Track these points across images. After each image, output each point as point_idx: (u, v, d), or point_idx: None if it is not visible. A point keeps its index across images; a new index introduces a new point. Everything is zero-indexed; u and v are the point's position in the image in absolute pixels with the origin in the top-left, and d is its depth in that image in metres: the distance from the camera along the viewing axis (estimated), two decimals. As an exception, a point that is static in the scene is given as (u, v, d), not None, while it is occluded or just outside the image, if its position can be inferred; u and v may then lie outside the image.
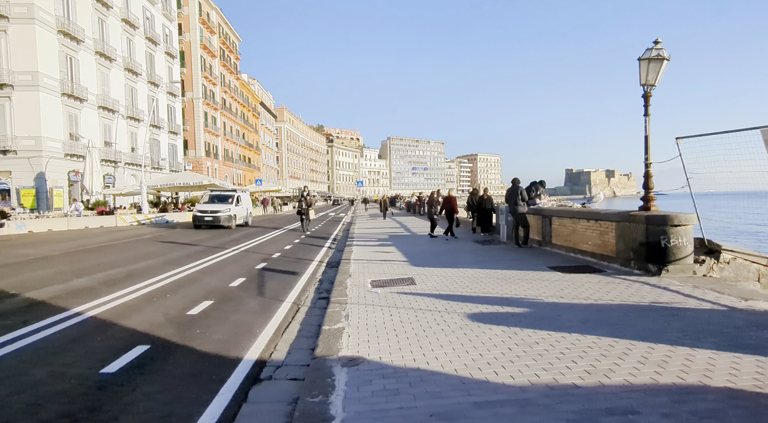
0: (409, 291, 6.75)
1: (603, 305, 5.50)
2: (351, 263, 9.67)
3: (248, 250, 13.04)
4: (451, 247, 11.85)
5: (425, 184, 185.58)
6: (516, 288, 6.62)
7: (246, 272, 9.24)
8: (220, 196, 23.51)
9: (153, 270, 9.46)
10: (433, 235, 14.96)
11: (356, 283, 7.52)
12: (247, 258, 11.42)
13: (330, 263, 10.82)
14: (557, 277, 7.32)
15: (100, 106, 35.81)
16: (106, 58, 36.69)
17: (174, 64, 50.87)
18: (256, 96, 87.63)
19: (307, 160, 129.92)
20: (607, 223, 8.05)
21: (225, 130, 66.24)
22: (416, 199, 33.98)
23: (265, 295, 7.29)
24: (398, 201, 54.08)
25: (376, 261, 9.84)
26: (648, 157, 7.23)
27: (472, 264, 8.91)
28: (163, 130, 46.55)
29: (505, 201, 11.42)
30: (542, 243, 10.95)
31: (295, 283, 8.26)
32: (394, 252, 11.32)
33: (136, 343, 4.76)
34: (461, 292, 6.50)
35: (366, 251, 11.61)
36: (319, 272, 9.56)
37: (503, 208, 13.07)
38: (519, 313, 5.25)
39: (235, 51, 74.26)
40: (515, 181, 11.28)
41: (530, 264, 8.66)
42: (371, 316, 5.47)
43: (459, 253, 10.68)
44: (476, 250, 11.14)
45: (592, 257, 8.67)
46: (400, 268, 8.76)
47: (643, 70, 7.08)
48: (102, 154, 35.89)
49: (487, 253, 10.52)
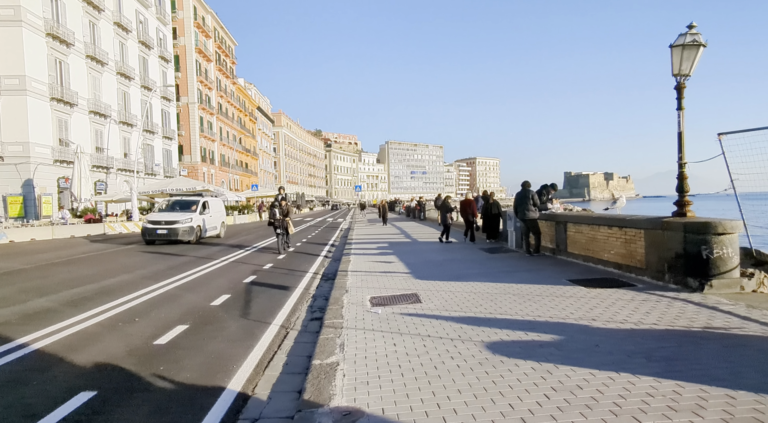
0: (414, 311, 5.88)
1: (646, 331, 4.63)
2: (348, 276, 8.79)
3: (238, 261, 12.14)
4: (457, 257, 10.98)
5: (424, 188, 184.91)
6: (537, 307, 5.75)
7: (232, 287, 8.35)
8: (182, 202, 19.20)
9: (128, 286, 8.56)
10: (448, 240, 14.27)
11: (353, 301, 6.64)
12: (236, 270, 10.53)
13: (326, 275, 9.94)
14: (582, 292, 6.45)
15: (91, 111, 34.97)
16: (98, 62, 35.89)
17: (168, 68, 50.11)
18: (253, 101, 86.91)
19: (305, 164, 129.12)
20: (634, 231, 7.19)
21: (221, 135, 65.43)
22: (416, 204, 33.10)
23: (249, 315, 6.39)
24: (397, 205, 53.18)
25: (376, 273, 8.96)
26: (682, 156, 6.38)
27: (481, 276, 8.05)
28: (157, 135, 45.71)
29: (514, 206, 10.56)
30: (556, 251, 10.09)
31: (285, 300, 7.38)
32: (395, 262, 10.45)
33: (81, 387, 3.85)
34: (475, 313, 5.62)
35: (365, 261, 10.74)
36: (313, 286, 8.67)
37: (511, 214, 12.22)
38: (548, 342, 4.38)
39: (231, 55, 73.57)
40: (526, 184, 10.43)
41: (547, 276, 7.79)
42: (371, 345, 4.59)
43: (465, 263, 9.80)
44: (484, 260, 10.28)
45: (615, 268, 7.81)
46: (403, 282, 7.88)
47: (676, 59, 6.25)
48: (93, 160, 35.04)
49: (497, 263, 9.65)
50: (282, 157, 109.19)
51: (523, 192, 10.33)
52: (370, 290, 7.34)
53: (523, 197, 10.23)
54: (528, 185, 10.40)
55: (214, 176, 61.83)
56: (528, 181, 10.43)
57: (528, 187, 10.38)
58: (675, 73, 6.32)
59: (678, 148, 6.39)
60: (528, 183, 10.45)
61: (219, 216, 20.42)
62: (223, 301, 7.26)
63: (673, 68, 6.31)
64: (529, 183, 10.45)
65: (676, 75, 6.32)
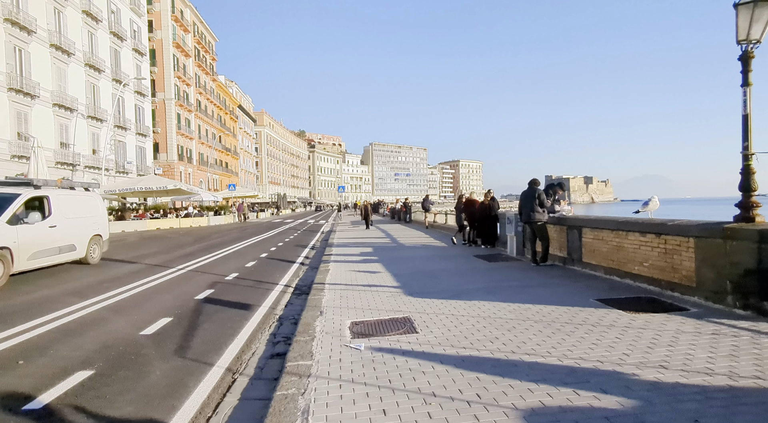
0: (409, 347, 4.37)
1: (753, 390, 3.19)
2: (325, 290, 7.23)
3: (198, 270, 10.45)
4: (451, 266, 9.51)
5: (408, 190, 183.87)
6: (573, 342, 4.29)
7: (178, 306, 6.70)
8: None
9: (50, 304, 6.85)
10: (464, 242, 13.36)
11: (329, 328, 5.10)
12: (191, 281, 8.85)
13: (299, 288, 8.35)
14: (622, 319, 5.01)
15: (55, 104, 32.63)
16: (63, 52, 33.56)
17: (143, 61, 47.76)
18: (234, 99, 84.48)
19: (288, 165, 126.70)
20: (678, 239, 5.81)
21: (200, 133, 63.04)
22: (401, 205, 31.55)
23: (188, 352, 4.78)
24: (381, 207, 51.68)
25: (358, 286, 7.42)
26: (748, 145, 5.02)
27: (486, 292, 6.58)
28: (129, 131, 43.35)
29: (519, 207, 9.12)
30: (567, 261, 8.69)
31: (242, 325, 5.78)
32: (381, 272, 8.92)
33: None
34: (491, 350, 4.14)
35: (345, 270, 9.19)
36: (281, 304, 7.07)
37: (511, 216, 10.82)
38: (616, 413, 2.90)
39: (211, 51, 71.21)
40: (534, 182, 9.01)
41: (567, 293, 6.37)
42: (348, 410, 3.07)
43: (463, 275, 8.33)
44: (484, 270, 8.81)
45: (649, 284, 6.42)
46: (391, 300, 6.37)
47: (743, 21, 4.89)
48: (57, 156, 32.74)
49: (500, 275, 8.19)
50: (264, 157, 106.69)
51: (529, 191, 8.91)
52: (351, 311, 5.80)
53: (530, 197, 8.81)
54: (536, 183, 8.98)
55: (192, 175, 59.42)
56: (537, 179, 9.00)
57: (536, 185, 8.97)
58: (741, 40, 4.96)
59: (743, 135, 5.03)
60: (536, 181, 9.03)
61: (84, 225, 11.28)
62: (160, 327, 5.62)
63: (738, 33, 4.95)
64: (537, 181, 9.03)
65: (742, 41, 4.96)
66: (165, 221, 27.97)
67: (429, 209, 22.82)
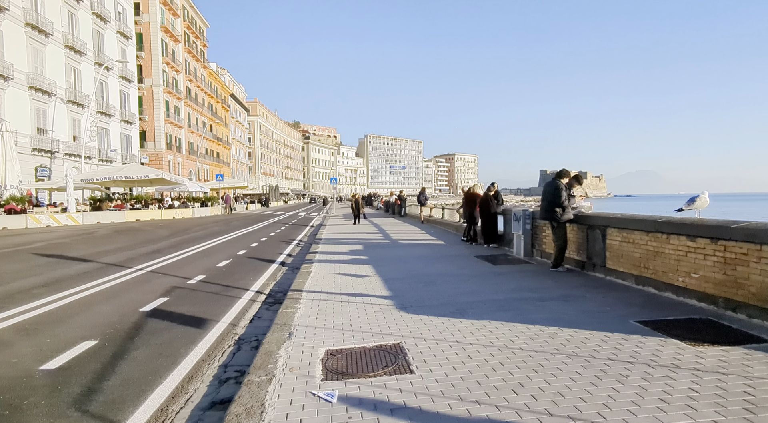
0: (400, 401, 3.10)
1: None
2: (301, 301, 5.95)
3: (159, 272, 9.12)
4: (451, 269, 8.24)
5: (403, 182, 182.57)
6: (631, 396, 3.03)
7: (112, 323, 5.38)
8: None
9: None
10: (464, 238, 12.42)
11: (295, 361, 3.82)
12: (144, 287, 7.51)
13: (272, 296, 7.05)
14: (686, 355, 3.76)
15: (31, 87, 30.92)
16: (40, 32, 31.77)
17: (128, 45, 45.86)
18: (226, 87, 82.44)
19: (282, 156, 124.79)
20: (746, 247, 4.56)
21: (190, 121, 61.22)
22: (396, 198, 30.15)
23: (92, 401, 3.47)
24: (375, 200, 50.30)
25: (342, 296, 6.14)
26: None
27: (497, 307, 5.33)
28: (114, 118, 41.62)
29: (542, 202, 7.79)
30: (586, 265, 7.44)
31: (188, 350, 4.49)
32: (370, 276, 7.65)
33: None
34: (516, 410, 2.88)
35: (330, 274, 7.91)
36: (246, 318, 5.77)
37: (518, 213, 9.55)
38: None
39: (202, 37, 69.11)
40: (563, 173, 7.51)
41: (598, 310, 5.12)
42: None
43: (466, 281, 7.07)
44: (489, 275, 7.55)
45: (702, 301, 5.18)
46: (380, 316, 5.10)
47: None
48: (34, 143, 31.11)
49: (510, 281, 6.93)
50: (257, 147, 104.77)
51: (552, 185, 7.58)
52: (328, 333, 4.52)
53: (553, 192, 7.49)
54: (565, 175, 7.52)
55: (182, 165, 57.72)
56: (566, 170, 7.60)
57: (565, 177, 7.56)
58: None
59: None
60: (566, 172, 7.58)
61: None
62: (72, 358, 4.29)
63: None
64: (566, 172, 7.60)
65: None
66: (146, 213, 26.47)
67: (424, 203, 21.53)
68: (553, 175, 7.71)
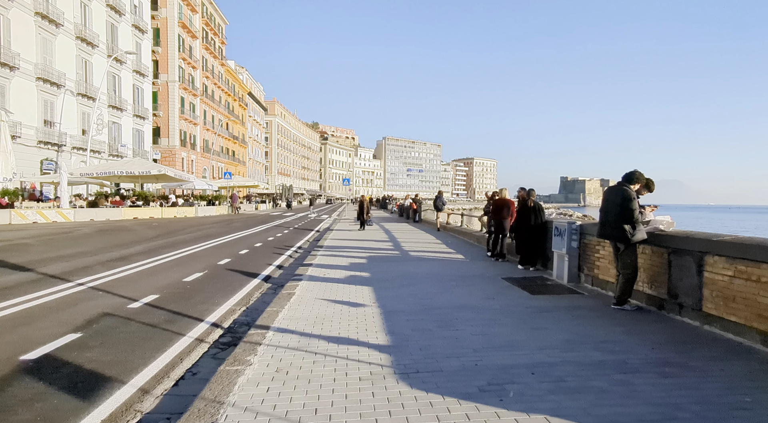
0: None
1: None
2: (260, 349, 4.13)
3: (103, 288, 7.39)
4: (477, 299, 6.31)
5: (420, 186, 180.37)
6: None
7: None
8: None
9: None
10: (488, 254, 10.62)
11: None
12: (65, 312, 5.75)
13: (231, 332, 5.23)
14: None
15: (39, 78, 30.00)
16: (51, 22, 30.86)
17: (144, 39, 45.05)
18: (244, 85, 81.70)
19: (299, 156, 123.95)
20: None
21: (205, 118, 60.37)
22: (411, 202, 28.00)
23: None
24: (390, 203, 48.29)
25: (319, 342, 4.31)
26: None
27: (554, 384, 3.43)
28: (126, 112, 40.73)
29: (602, 213, 5.73)
30: (666, 305, 5.41)
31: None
32: (368, 305, 5.79)
33: None
34: None
35: (316, 298, 6.09)
36: (169, 378, 3.92)
37: (562, 226, 7.54)
38: None
39: (220, 34, 68.40)
40: (631, 177, 5.51)
41: (729, 404, 3.14)
42: None
43: (498, 321, 5.14)
44: (530, 313, 5.57)
45: None
46: (365, 393, 3.26)
47: None
48: (40, 135, 30.15)
49: (562, 328, 4.93)
50: (274, 147, 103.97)
51: (622, 193, 5.49)
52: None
53: (625, 203, 5.46)
54: (634, 180, 5.49)
55: (195, 163, 56.82)
56: (637, 172, 5.49)
57: (636, 182, 5.50)
58: None
59: None
60: (636, 176, 5.49)
61: None
62: None
63: None
64: (639, 176, 5.50)
65: None
66: (145, 211, 25.07)
67: (441, 209, 19.51)
68: (621, 180, 5.63)
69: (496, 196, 10.33)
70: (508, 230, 9.56)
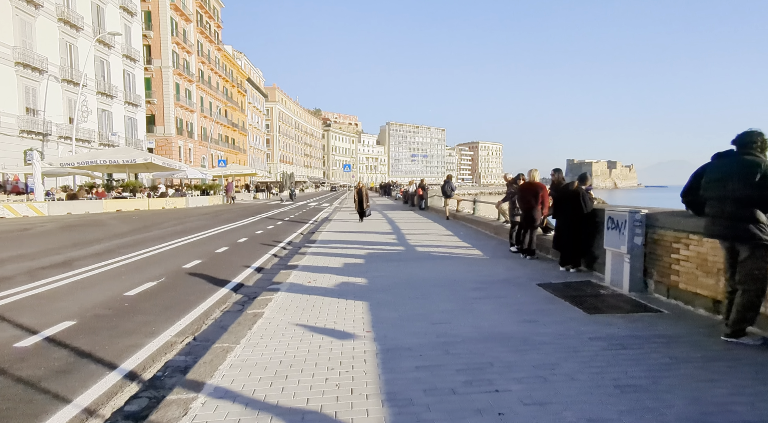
0: None
1: None
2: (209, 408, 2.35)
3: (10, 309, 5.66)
4: (509, 320, 4.57)
5: (425, 171, 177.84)
6: None
7: None
8: None
9: None
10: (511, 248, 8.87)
11: None
12: None
13: (155, 386, 3.50)
14: None
15: (18, 63, 28.14)
16: (29, 3, 28.89)
17: (133, 22, 42.91)
18: (243, 71, 79.36)
19: (301, 144, 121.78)
20: None
21: (202, 105, 58.38)
22: (417, 187, 26.08)
23: None
24: (394, 189, 46.34)
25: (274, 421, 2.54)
26: None
27: None
28: (116, 99, 38.87)
29: (714, 201, 3.84)
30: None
31: None
32: (359, 336, 4.08)
33: None
34: None
35: (291, 324, 4.40)
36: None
37: (618, 216, 5.69)
38: None
39: (216, 18, 65.97)
40: (755, 143, 3.63)
41: None
42: None
43: (555, 374, 3.36)
44: (600, 351, 3.78)
45: None
46: None
47: None
48: (22, 123, 28.42)
49: (670, 393, 3.15)
50: (275, 134, 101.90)
51: (754, 165, 3.59)
52: None
53: (761, 182, 3.55)
54: (759, 146, 3.63)
55: (193, 151, 55.05)
56: (760, 133, 3.62)
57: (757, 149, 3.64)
58: None
59: None
60: (757, 137, 3.67)
61: None
62: None
63: None
64: (761, 136, 3.66)
65: None
66: (131, 202, 23.37)
67: (450, 195, 17.61)
68: (740, 147, 3.72)
69: (521, 180, 8.44)
70: (539, 221, 7.70)
